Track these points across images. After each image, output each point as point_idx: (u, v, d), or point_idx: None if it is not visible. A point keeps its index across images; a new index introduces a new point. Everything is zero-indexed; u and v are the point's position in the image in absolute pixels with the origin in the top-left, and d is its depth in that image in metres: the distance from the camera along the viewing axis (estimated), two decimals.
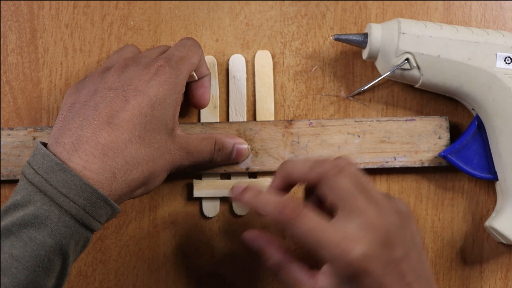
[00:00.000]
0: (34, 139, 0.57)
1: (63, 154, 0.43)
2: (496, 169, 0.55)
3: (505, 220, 0.54)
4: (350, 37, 0.55)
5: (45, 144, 0.46)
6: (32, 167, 0.43)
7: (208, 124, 0.57)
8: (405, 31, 0.53)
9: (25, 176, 0.43)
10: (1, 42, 0.60)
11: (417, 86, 0.55)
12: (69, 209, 0.42)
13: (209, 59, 0.60)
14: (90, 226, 0.43)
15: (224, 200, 0.59)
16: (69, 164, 0.43)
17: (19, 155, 0.57)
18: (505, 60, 0.52)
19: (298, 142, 0.57)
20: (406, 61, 0.53)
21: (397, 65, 0.53)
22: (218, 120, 0.59)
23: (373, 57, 0.55)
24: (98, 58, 0.60)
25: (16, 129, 0.57)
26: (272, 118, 0.59)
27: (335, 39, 0.56)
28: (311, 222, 0.42)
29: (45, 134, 0.57)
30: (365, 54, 0.56)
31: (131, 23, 0.60)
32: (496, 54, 0.52)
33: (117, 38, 0.60)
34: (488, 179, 0.57)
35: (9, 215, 0.42)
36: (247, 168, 0.57)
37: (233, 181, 0.58)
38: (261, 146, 0.57)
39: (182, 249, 0.60)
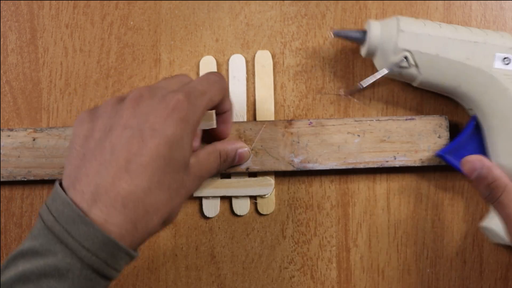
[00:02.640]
0: (34, 140, 0.57)
1: (82, 204, 0.42)
2: None
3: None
4: (349, 33, 0.55)
5: (60, 182, 0.45)
6: (51, 213, 0.42)
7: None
8: (404, 28, 0.52)
9: (43, 222, 0.42)
10: (1, 42, 0.60)
11: (415, 84, 0.55)
12: (91, 263, 0.41)
13: (208, 59, 0.60)
14: (110, 276, 0.43)
15: (224, 199, 0.60)
16: (90, 216, 0.42)
17: (19, 156, 0.57)
18: (503, 61, 0.52)
19: (298, 142, 0.57)
20: (405, 59, 0.53)
21: (395, 63, 0.53)
22: None
23: (371, 54, 0.55)
24: (98, 58, 0.60)
25: (16, 130, 0.57)
26: (272, 118, 0.59)
27: (334, 35, 0.56)
28: None
29: (44, 135, 0.57)
30: (363, 51, 0.56)
31: (131, 23, 0.60)
32: (495, 55, 0.52)
33: (117, 38, 0.60)
34: None
35: (27, 261, 0.41)
36: (247, 168, 0.57)
37: (233, 180, 0.58)
38: (261, 146, 0.57)
39: (182, 249, 0.59)
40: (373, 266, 0.60)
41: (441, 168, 0.59)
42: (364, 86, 0.57)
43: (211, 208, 0.59)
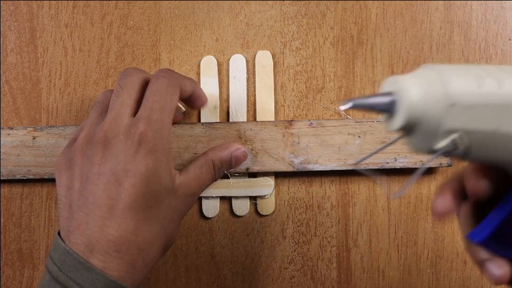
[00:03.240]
0: (33, 138, 0.57)
1: (81, 254, 0.43)
2: None
3: None
4: (370, 102, 0.34)
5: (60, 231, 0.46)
6: (55, 263, 0.43)
7: (208, 124, 0.57)
8: (456, 100, 0.33)
9: (49, 273, 0.44)
10: (1, 42, 0.60)
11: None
12: None
13: (209, 59, 0.59)
14: None
15: (224, 200, 0.59)
16: (90, 262, 0.43)
17: (18, 155, 0.57)
18: None
19: (299, 143, 0.57)
20: (452, 142, 0.34)
21: (440, 150, 0.34)
22: (218, 120, 0.59)
23: (407, 134, 0.35)
24: (98, 58, 0.60)
25: (15, 129, 0.57)
26: (272, 118, 0.59)
27: (352, 108, 0.34)
28: None
29: (44, 133, 0.57)
30: (393, 125, 0.34)
31: (131, 22, 0.60)
32: None
33: (117, 38, 0.60)
34: None
35: None
36: (247, 169, 0.57)
37: (233, 181, 0.58)
38: (261, 147, 0.57)
39: (182, 249, 0.60)
40: (373, 267, 0.60)
41: (442, 170, 0.59)
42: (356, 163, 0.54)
43: (211, 208, 0.59)
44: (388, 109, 0.34)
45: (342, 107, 0.34)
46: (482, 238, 0.37)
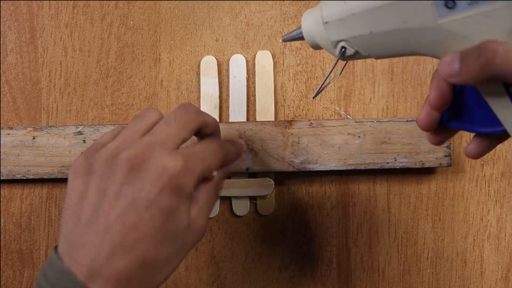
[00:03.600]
0: (33, 138, 0.57)
1: (79, 277, 0.41)
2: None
3: None
4: (291, 34, 0.48)
5: (56, 246, 0.44)
6: (48, 281, 0.42)
7: None
8: (327, 19, 0.43)
9: None
10: (1, 42, 0.60)
11: (377, 59, 0.47)
12: None
13: (209, 59, 0.59)
14: None
15: (224, 200, 0.59)
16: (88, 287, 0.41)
17: (18, 155, 0.57)
18: (446, 6, 0.38)
19: (299, 143, 0.57)
20: (344, 49, 0.44)
21: (337, 57, 0.45)
22: (218, 120, 0.59)
23: (319, 48, 0.47)
24: (98, 58, 0.60)
25: (15, 129, 0.57)
26: (272, 118, 0.59)
27: (283, 41, 0.49)
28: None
29: (44, 133, 0.57)
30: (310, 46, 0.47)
31: (131, 22, 0.60)
32: (433, 2, 0.38)
33: (117, 38, 0.60)
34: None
35: None
36: (247, 169, 0.57)
37: (233, 181, 0.58)
38: (261, 147, 0.57)
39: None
40: (373, 266, 0.60)
41: (442, 169, 0.59)
42: (315, 97, 0.55)
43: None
44: (301, 37, 0.47)
45: (283, 38, 0.48)
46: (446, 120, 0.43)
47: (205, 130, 0.48)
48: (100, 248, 0.41)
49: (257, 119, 0.59)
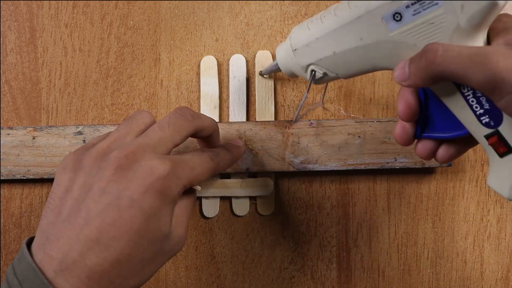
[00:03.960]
0: (33, 138, 0.57)
1: (49, 271, 0.41)
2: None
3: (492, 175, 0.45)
4: (269, 68, 0.55)
5: (31, 240, 0.44)
6: (16, 276, 0.41)
7: None
8: (295, 46, 0.49)
9: (8, 284, 0.42)
10: (1, 42, 0.60)
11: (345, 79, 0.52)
12: None
13: (209, 59, 0.59)
14: None
15: (224, 200, 0.59)
16: (55, 285, 0.41)
17: (18, 155, 0.57)
18: (394, 20, 0.41)
19: (299, 143, 0.57)
20: (314, 72, 0.49)
21: (309, 81, 0.50)
22: (218, 120, 0.59)
23: (294, 76, 0.53)
24: (98, 58, 0.60)
25: (15, 129, 0.57)
26: (273, 118, 0.59)
27: (261, 74, 0.59)
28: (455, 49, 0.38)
29: (44, 133, 0.57)
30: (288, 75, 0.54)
31: (131, 22, 0.60)
32: (382, 18, 0.42)
33: (117, 38, 0.60)
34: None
35: None
36: (247, 169, 0.57)
37: (233, 181, 0.58)
38: (261, 147, 0.57)
39: (182, 249, 0.59)
40: (373, 266, 0.60)
41: (441, 169, 0.59)
42: (295, 121, 0.57)
43: (211, 208, 0.59)
44: (278, 69, 0.54)
45: (262, 72, 0.58)
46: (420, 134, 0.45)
47: (201, 134, 0.48)
48: (76, 242, 0.41)
49: (257, 119, 0.59)
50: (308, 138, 0.57)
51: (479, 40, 0.39)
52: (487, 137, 0.40)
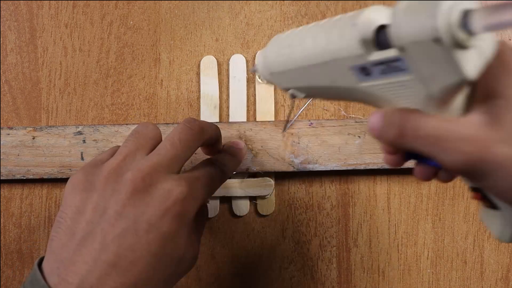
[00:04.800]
0: (33, 138, 0.57)
1: None
2: None
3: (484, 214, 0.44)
4: (254, 68, 0.50)
5: (40, 262, 0.43)
6: None
7: None
8: (272, 70, 0.44)
9: None
10: (1, 42, 0.60)
11: None
12: None
13: (209, 59, 0.59)
14: None
15: (224, 200, 0.59)
16: None
17: (18, 155, 0.57)
18: (362, 74, 0.37)
19: (299, 143, 0.57)
20: (294, 96, 0.46)
21: (292, 100, 0.48)
22: (218, 120, 0.59)
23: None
24: (98, 58, 0.60)
25: (15, 129, 0.57)
26: (273, 119, 0.59)
27: (252, 71, 0.55)
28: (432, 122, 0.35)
29: (44, 133, 0.57)
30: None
31: (131, 22, 0.60)
32: (350, 69, 0.37)
33: (117, 38, 0.60)
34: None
35: None
36: (247, 169, 0.57)
37: (233, 181, 0.58)
38: (261, 147, 0.57)
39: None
40: (373, 266, 0.60)
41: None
42: (284, 131, 0.57)
43: (211, 208, 0.59)
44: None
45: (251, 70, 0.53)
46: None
47: (208, 143, 0.48)
48: (93, 267, 0.40)
49: (257, 119, 0.59)
50: (308, 138, 0.57)
51: (456, 108, 0.35)
52: (471, 190, 0.38)
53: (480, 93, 0.34)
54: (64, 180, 0.59)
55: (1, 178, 0.57)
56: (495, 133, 0.31)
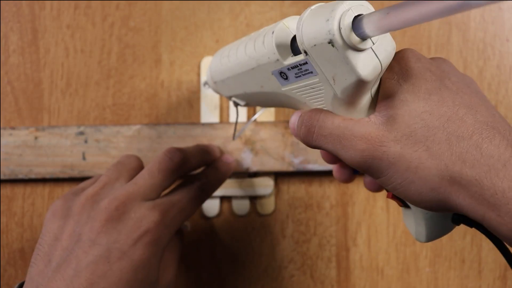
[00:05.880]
0: (35, 138, 0.58)
1: None
2: None
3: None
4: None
5: (21, 286, 0.44)
6: None
7: (208, 125, 0.58)
8: (215, 79, 0.49)
9: None
10: (3, 43, 0.60)
11: None
12: None
13: (210, 59, 0.60)
14: None
15: (224, 200, 0.60)
16: None
17: (20, 155, 0.58)
18: (281, 76, 0.40)
19: (298, 143, 0.57)
20: (235, 103, 0.50)
21: (235, 107, 0.50)
22: (218, 120, 0.59)
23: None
24: (99, 59, 0.60)
25: (17, 129, 0.58)
26: (273, 119, 0.59)
27: (203, 84, 0.59)
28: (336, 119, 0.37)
29: (46, 133, 0.58)
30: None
31: (132, 23, 0.61)
32: (272, 73, 0.40)
33: (118, 39, 0.60)
34: None
35: None
36: (247, 169, 0.57)
37: (233, 180, 0.58)
38: (261, 147, 0.57)
39: (182, 248, 0.60)
40: (372, 266, 0.60)
41: None
42: (234, 139, 0.58)
43: (211, 208, 0.59)
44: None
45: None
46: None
47: (190, 171, 0.50)
48: None
49: (257, 119, 0.59)
50: None
51: (362, 109, 0.37)
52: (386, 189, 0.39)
53: (382, 95, 0.36)
54: (66, 180, 0.59)
55: (4, 178, 0.58)
56: (388, 132, 0.34)
